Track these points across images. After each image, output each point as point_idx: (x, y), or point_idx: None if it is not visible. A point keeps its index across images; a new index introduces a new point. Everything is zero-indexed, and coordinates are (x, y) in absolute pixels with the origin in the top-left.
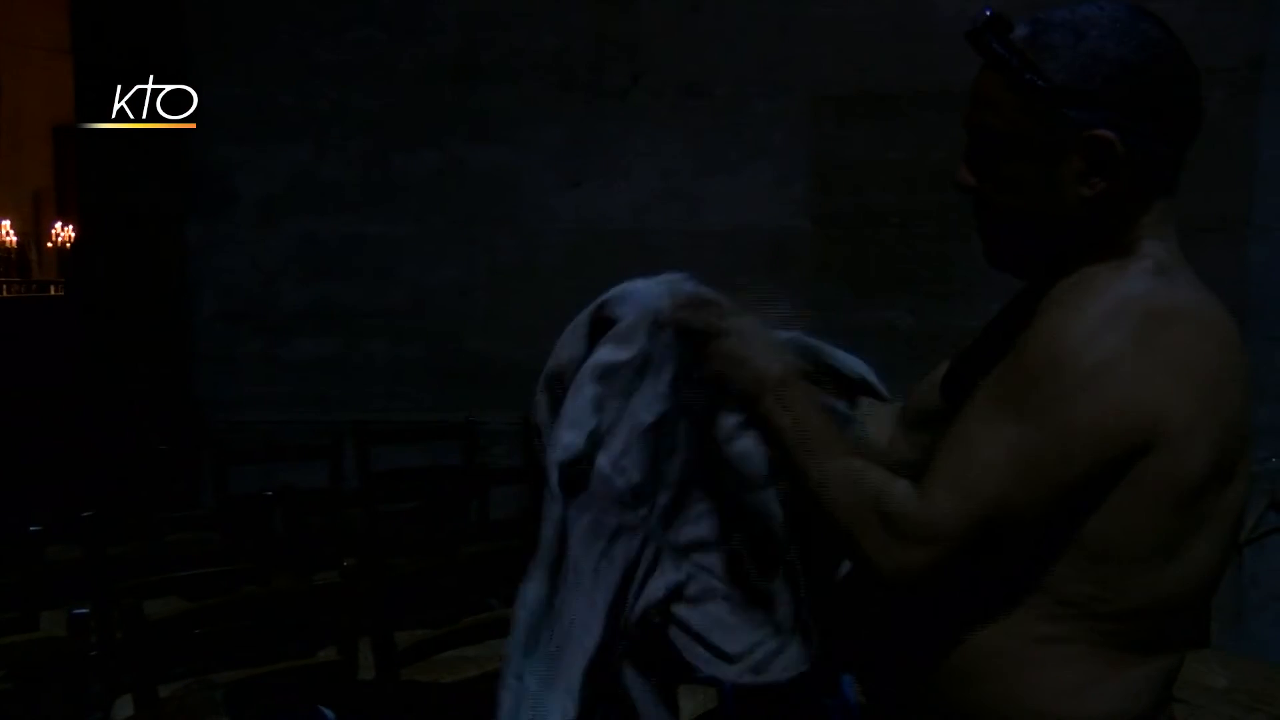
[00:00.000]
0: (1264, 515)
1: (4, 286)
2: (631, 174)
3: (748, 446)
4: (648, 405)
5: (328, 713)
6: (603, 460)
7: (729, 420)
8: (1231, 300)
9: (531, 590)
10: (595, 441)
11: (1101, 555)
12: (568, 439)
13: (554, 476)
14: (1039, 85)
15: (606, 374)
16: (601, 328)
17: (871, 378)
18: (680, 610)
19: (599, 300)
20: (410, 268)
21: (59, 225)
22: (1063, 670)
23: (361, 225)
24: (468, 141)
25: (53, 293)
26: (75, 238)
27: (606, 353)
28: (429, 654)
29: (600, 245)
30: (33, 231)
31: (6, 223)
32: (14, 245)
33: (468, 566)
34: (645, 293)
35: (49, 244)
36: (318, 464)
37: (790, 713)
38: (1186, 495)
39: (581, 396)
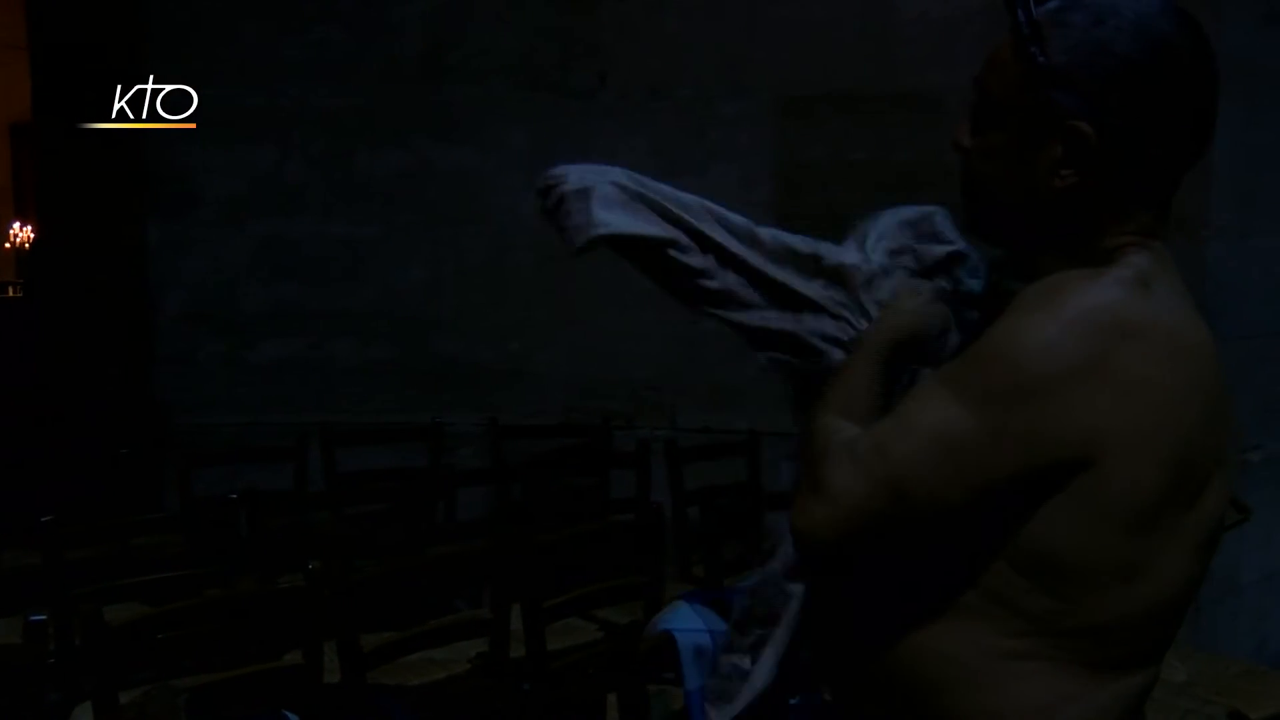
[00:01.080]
0: None
1: None
2: None
3: None
4: None
5: (292, 717)
6: None
7: None
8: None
9: None
10: None
11: (1057, 570)
12: None
13: None
14: (1038, 60)
15: None
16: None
17: None
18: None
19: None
20: (376, 268)
21: (17, 225)
22: (1030, 687)
23: (326, 226)
24: (433, 142)
25: (11, 294)
26: (35, 238)
27: None
28: (395, 657)
29: (566, 246)
30: None
31: None
32: None
33: (434, 568)
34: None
35: (7, 244)
36: (283, 466)
37: (762, 713)
38: (1141, 514)
39: None
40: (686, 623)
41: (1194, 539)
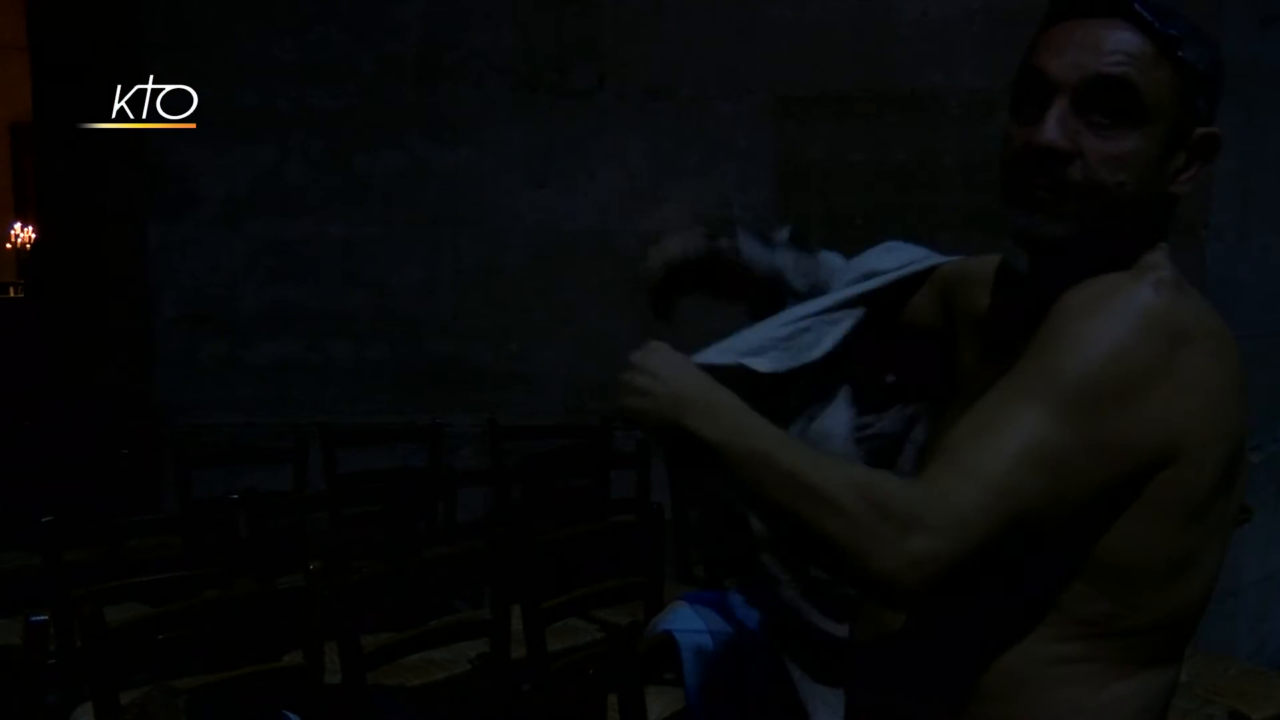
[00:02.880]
0: None
1: None
2: (596, 175)
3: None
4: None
5: (293, 718)
6: None
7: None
8: None
9: None
10: None
11: (1119, 571)
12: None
13: None
14: (1198, 69)
15: None
16: None
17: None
18: None
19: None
20: (374, 269)
21: (17, 225)
22: (1076, 688)
23: (324, 226)
24: (431, 142)
25: (11, 294)
26: (35, 239)
27: None
28: (395, 657)
29: (564, 246)
30: None
31: None
32: None
33: (434, 569)
34: None
35: (7, 244)
36: (282, 467)
37: (757, 714)
38: (1199, 509)
39: None
40: (687, 623)
41: (1227, 529)
